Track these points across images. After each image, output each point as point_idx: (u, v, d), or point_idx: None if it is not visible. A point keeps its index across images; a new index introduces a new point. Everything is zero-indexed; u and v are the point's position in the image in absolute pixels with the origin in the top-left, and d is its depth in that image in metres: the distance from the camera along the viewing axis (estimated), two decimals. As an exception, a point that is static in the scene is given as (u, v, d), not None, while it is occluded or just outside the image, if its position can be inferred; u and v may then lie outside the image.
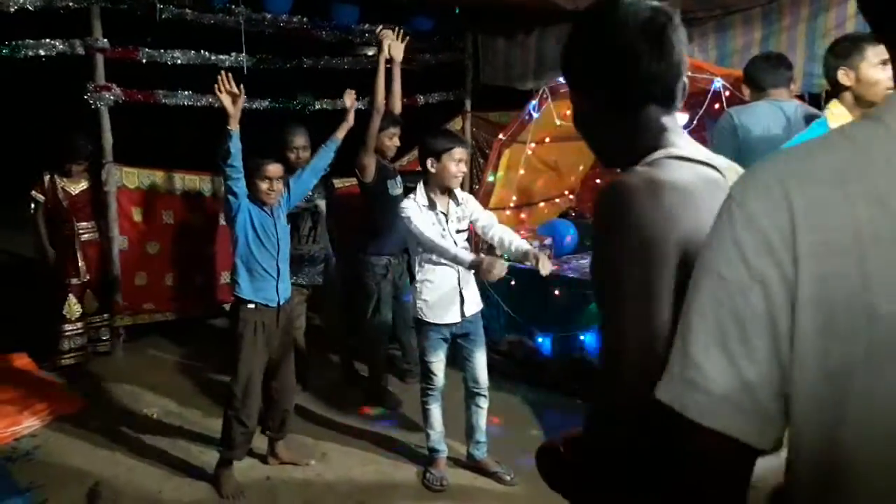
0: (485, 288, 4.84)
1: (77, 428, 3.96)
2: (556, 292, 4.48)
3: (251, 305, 3.26)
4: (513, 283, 4.72)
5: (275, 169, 3.26)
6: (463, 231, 3.39)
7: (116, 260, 4.92)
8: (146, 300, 5.14)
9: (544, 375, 4.54)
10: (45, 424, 3.98)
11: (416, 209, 3.26)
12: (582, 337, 4.33)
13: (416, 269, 3.36)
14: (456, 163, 3.25)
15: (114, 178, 4.87)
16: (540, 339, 4.61)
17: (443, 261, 3.27)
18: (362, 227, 4.28)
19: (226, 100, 3.18)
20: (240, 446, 3.32)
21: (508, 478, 3.42)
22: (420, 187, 3.33)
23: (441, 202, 3.34)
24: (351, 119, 3.93)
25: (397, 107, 4.32)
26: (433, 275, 3.32)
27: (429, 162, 3.25)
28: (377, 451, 3.76)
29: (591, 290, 4.11)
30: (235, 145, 3.11)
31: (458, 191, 3.40)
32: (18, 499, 2.93)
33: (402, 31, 4.31)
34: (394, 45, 4.22)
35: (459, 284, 3.35)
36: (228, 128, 3.13)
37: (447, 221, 3.33)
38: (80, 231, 4.83)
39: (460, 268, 3.30)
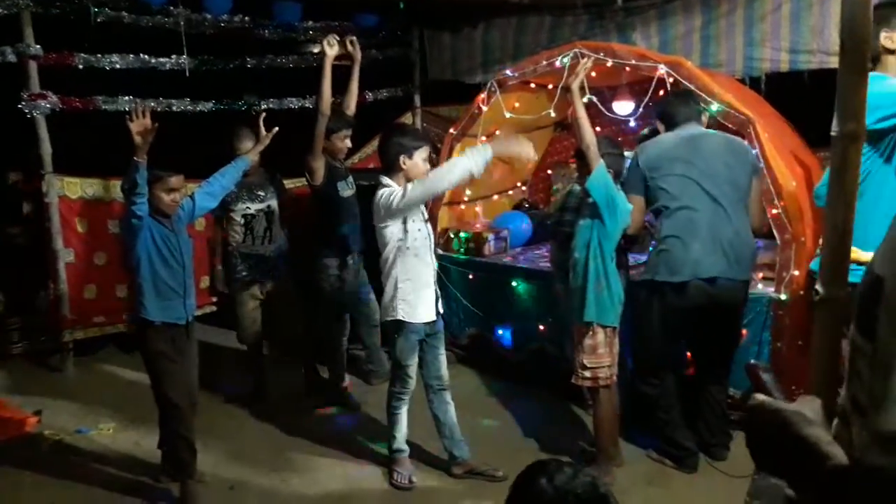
0: (443, 283, 4.84)
1: (30, 448, 3.83)
2: (513, 284, 4.51)
3: (158, 324, 3.16)
4: (471, 276, 4.74)
5: (177, 181, 3.18)
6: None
7: (62, 273, 4.78)
8: (97, 313, 5.00)
9: (504, 366, 4.57)
10: (-4, 447, 3.85)
11: (398, 190, 3.17)
12: (541, 327, 4.36)
13: (391, 268, 3.25)
14: (424, 160, 3.27)
15: (54, 188, 4.72)
16: (499, 332, 4.63)
17: (424, 256, 3.25)
18: (313, 229, 4.23)
19: (136, 131, 2.98)
20: (192, 462, 3.25)
21: (500, 473, 3.37)
22: (388, 181, 3.23)
23: None
24: (266, 142, 3.77)
25: (352, 106, 4.27)
26: (413, 272, 3.24)
27: (401, 159, 3.21)
28: (341, 454, 3.73)
29: (546, 280, 4.12)
30: (142, 175, 2.98)
31: None
32: (-30, 526, 2.82)
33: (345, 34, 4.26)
34: (354, 45, 4.17)
35: (434, 282, 3.33)
36: (136, 159, 2.96)
37: (422, 211, 3.32)
38: None
39: (434, 263, 3.34)
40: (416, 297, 3.25)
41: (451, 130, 4.88)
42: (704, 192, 3.27)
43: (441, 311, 3.39)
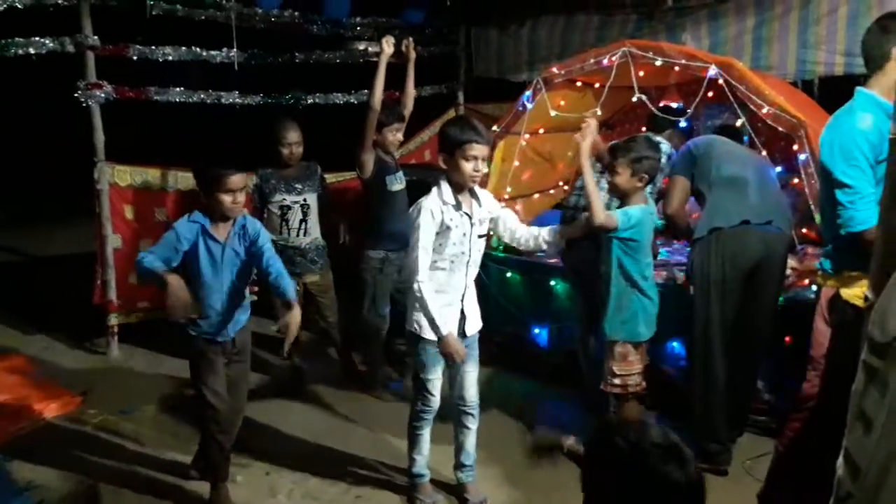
0: (481, 280, 4.84)
1: (74, 427, 3.96)
2: (551, 283, 4.48)
3: (198, 335, 3.03)
4: (508, 274, 4.72)
5: (238, 180, 2.91)
6: (483, 236, 3.07)
7: (110, 258, 4.90)
8: (141, 299, 5.12)
9: (538, 367, 4.54)
10: (43, 424, 3.97)
11: (436, 213, 2.88)
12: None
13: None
14: (470, 160, 2.84)
15: (105, 176, 4.84)
16: (536, 331, 4.61)
17: (452, 271, 2.98)
18: (361, 222, 4.29)
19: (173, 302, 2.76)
20: (223, 466, 3.18)
21: None
22: (444, 184, 2.94)
23: (465, 202, 2.96)
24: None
25: (409, 105, 4.37)
26: (437, 285, 2.95)
27: (441, 158, 2.90)
28: (375, 444, 3.75)
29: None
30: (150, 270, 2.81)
31: (478, 189, 3.04)
32: (17, 499, 2.92)
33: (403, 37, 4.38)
34: (409, 46, 4.35)
35: (463, 301, 3.04)
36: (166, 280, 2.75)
37: (471, 225, 2.96)
38: None
39: (467, 283, 3.04)
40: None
41: (495, 127, 4.87)
42: (751, 165, 3.50)
43: (472, 332, 3.11)
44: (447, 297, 2.99)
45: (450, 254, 2.95)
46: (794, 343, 3.55)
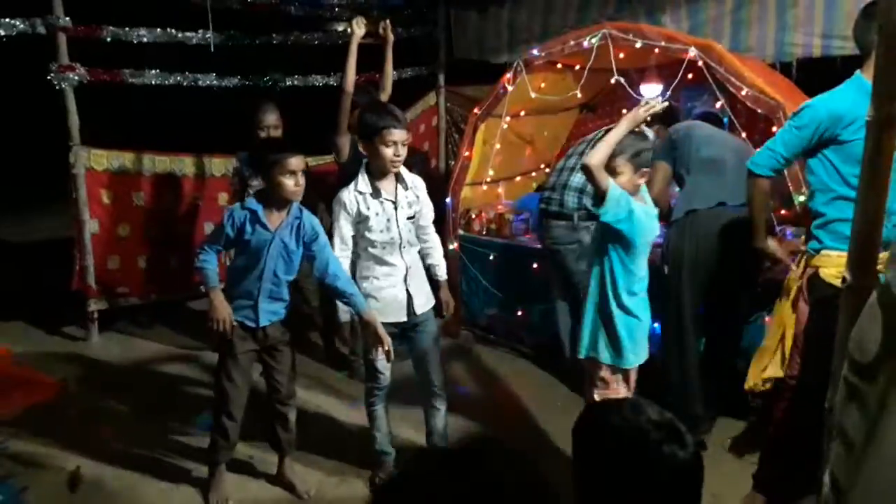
0: (464, 262, 4.86)
1: (55, 415, 3.92)
2: (535, 266, 4.50)
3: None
4: (491, 257, 4.73)
5: (298, 162, 2.86)
6: (412, 218, 3.07)
7: (88, 244, 4.84)
8: (120, 284, 5.07)
9: (522, 348, 4.58)
10: (22, 412, 3.93)
11: (349, 205, 2.95)
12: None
13: (356, 259, 3.06)
14: (390, 146, 2.87)
15: (81, 160, 4.77)
16: (519, 312, 4.63)
17: (386, 257, 3.01)
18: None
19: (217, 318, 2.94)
20: (219, 452, 3.15)
21: None
22: (362, 173, 2.98)
23: (387, 188, 2.99)
24: None
25: (388, 88, 4.35)
26: (375, 271, 3.03)
27: (361, 146, 2.95)
28: (358, 427, 3.75)
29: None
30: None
31: (405, 172, 3.06)
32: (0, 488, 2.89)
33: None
34: (386, 27, 4.31)
35: (406, 282, 3.06)
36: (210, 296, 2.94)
37: (396, 209, 2.99)
38: None
39: (408, 264, 3.06)
40: (380, 296, 3.03)
41: (476, 110, 4.85)
42: (730, 148, 3.53)
43: (421, 310, 3.09)
44: (390, 280, 3.05)
45: (378, 241, 2.98)
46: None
